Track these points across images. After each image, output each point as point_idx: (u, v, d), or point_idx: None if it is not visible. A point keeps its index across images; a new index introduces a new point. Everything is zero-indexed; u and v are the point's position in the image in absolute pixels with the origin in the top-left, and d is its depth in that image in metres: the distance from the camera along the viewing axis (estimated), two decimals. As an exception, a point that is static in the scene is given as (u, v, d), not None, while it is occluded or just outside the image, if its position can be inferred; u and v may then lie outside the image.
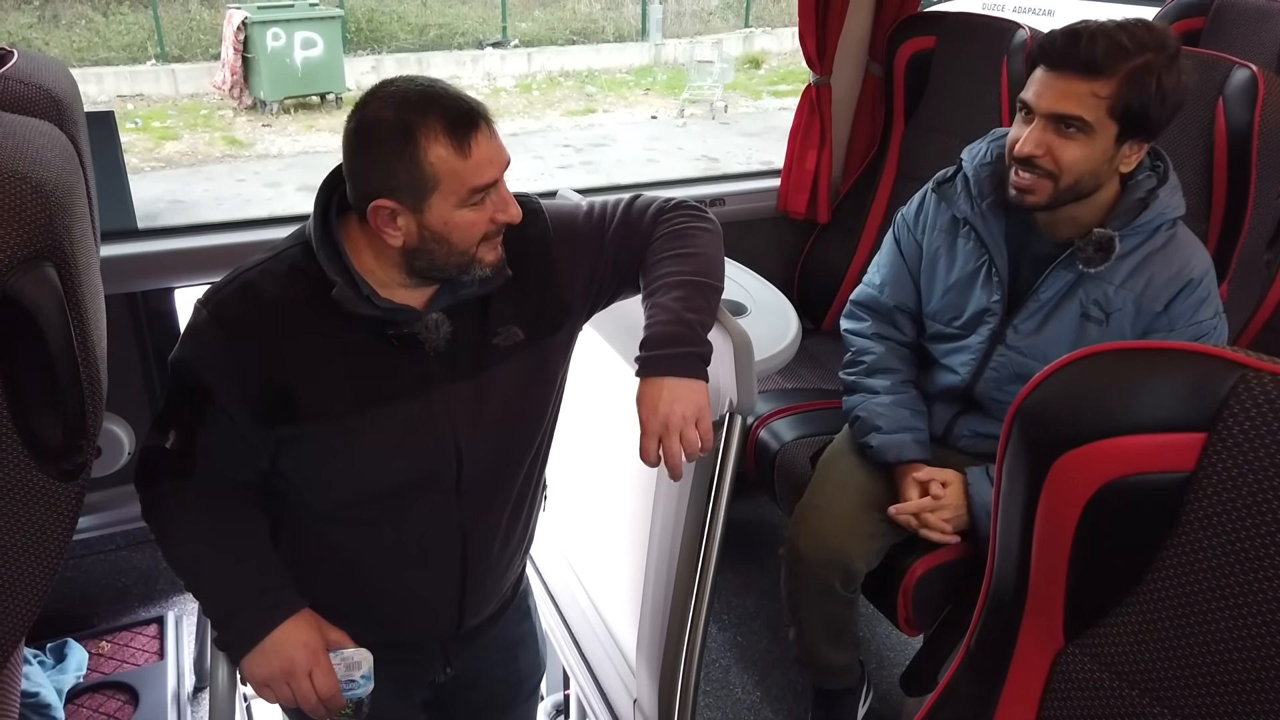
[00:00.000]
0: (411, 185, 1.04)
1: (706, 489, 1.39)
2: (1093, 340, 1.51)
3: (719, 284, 1.27)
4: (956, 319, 1.64)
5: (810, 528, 1.67)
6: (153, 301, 1.91)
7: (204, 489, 1.18)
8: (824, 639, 1.75)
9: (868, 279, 1.80)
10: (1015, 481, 0.71)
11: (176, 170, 7.72)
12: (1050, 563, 0.71)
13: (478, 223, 1.08)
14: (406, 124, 1.02)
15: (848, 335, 1.81)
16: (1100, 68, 1.33)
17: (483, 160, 1.05)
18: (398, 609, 1.33)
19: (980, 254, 1.58)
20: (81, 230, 0.93)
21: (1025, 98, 1.42)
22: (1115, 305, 1.48)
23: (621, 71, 11.76)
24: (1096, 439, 0.65)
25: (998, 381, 1.60)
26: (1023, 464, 0.70)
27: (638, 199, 1.33)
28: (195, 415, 1.14)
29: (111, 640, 1.92)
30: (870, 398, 1.70)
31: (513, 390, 1.23)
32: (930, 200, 1.67)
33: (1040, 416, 0.69)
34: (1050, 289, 1.52)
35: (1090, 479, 0.66)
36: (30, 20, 9.71)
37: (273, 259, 1.14)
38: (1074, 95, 1.36)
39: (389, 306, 1.12)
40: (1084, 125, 1.37)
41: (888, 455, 1.65)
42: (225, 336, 1.10)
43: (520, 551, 1.44)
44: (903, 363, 1.73)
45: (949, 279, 1.63)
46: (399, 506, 1.23)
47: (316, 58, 8.97)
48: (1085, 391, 0.67)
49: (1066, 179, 1.41)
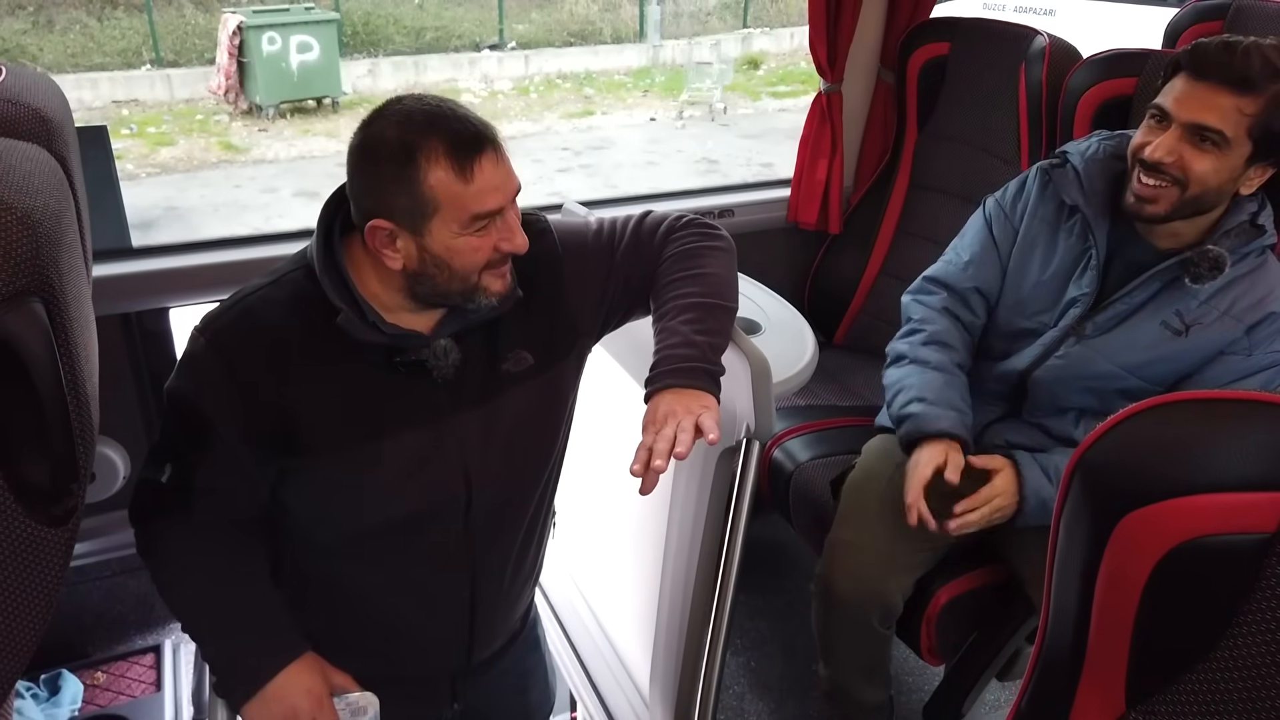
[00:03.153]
0: (410, 208, 1.00)
1: (723, 514, 1.35)
2: (1167, 351, 1.46)
3: (732, 304, 1.23)
4: (1041, 312, 1.56)
5: (845, 565, 1.60)
6: (148, 322, 1.86)
7: (202, 525, 1.13)
8: (858, 675, 1.70)
9: (948, 258, 1.69)
10: (1075, 538, 0.66)
11: (172, 176, 7.66)
12: (1113, 626, 0.66)
13: (481, 249, 1.04)
14: (408, 144, 0.98)
15: (913, 305, 1.68)
16: (1252, 83, 1.29)
17: (486, 186, 1.01)
18: (404, 645, 1.29)
19: (1083, 244, 1.52)
20: (70, 259, 0.89)
21: (1163, 104, 1.37)
22: (1198, 318, 1.44)
23: (619, 73, 11.72)
24: (1168, 497, 0.60)
25: (1059, 373, 1.53)
26: (1085, 520, 0.65)
27: (648, 216, 1.29)
28: (193, 448, 1.10)
29: (107, 670, 1.87)
30: (921, 370, 1.58)
31: (523, 417, 1.19)
32: (1033, 186, 1.59)
33: (1106, 470, 0.63)
34: (1141, 293, 1.47)
35: (1160, 540, 0.61)
36: (24, 26, 9.66)
37: (273, 284, 1.10)
38: (1218, 108, 1.31)
39: (395, 332, 1.09)
40: (1221, 140, 1.32)
41: (926, 425, 1.51)
42: (224, 366, 1.06)
43: (530, 582, 1.41)
44: (963, 345, 1.63)
45: (1044, 272, 1.56)
46: (405, 540, 1.19)
47: (312, 62, 8.91)
48: (1156, 444, 0.62)
49: (1193, 189, 1.37)
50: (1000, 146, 2.13)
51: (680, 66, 11.18)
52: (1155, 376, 1.48)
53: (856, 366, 2.28)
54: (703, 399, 1.10)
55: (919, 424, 1.53)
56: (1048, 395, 1.56)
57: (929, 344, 1.61)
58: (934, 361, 1.59)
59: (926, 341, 1.62)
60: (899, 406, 1.57)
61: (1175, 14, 2.48)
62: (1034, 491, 1.48)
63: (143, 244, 1.94)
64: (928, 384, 1.56)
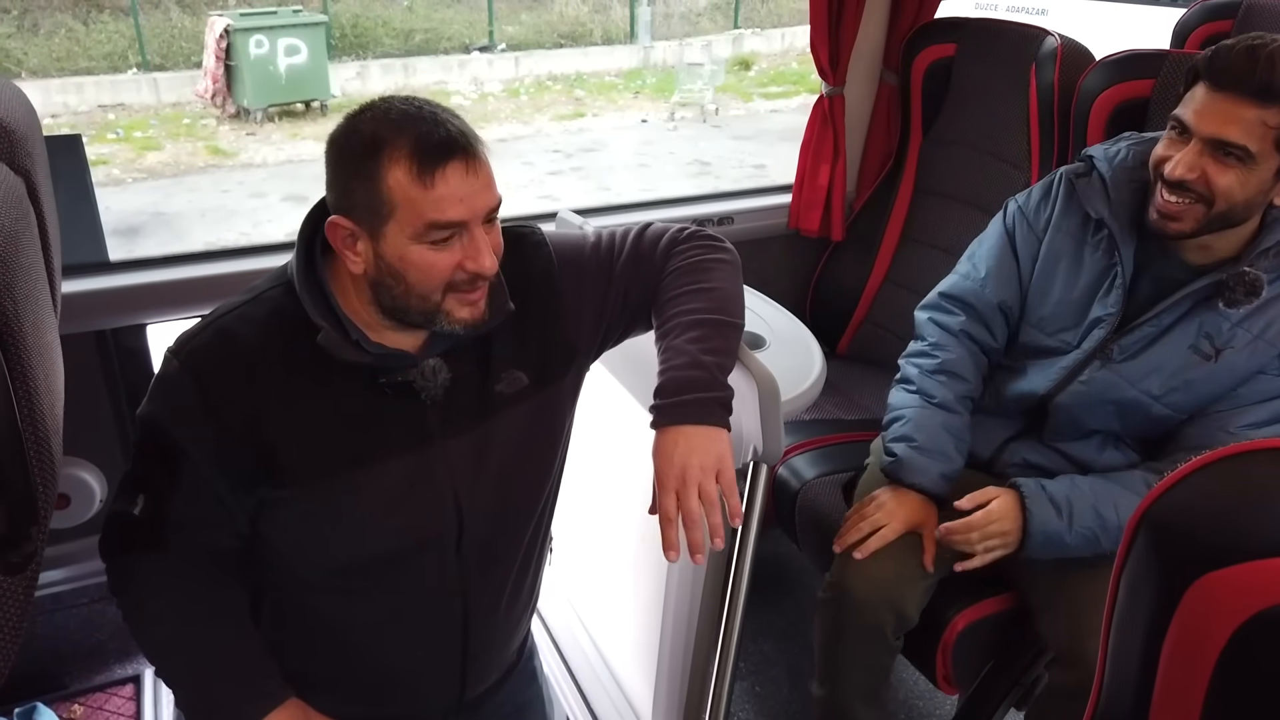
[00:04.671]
0: (369, 206, 0.95)
1: (730, 540, 1.29)
2: (1195, 375, 1.39)
3: (739, 321, 1.17)
4: (1064, 330, 1.49)
5: (861, 569, 1.51)
6: (124, 339, 1.79)
7: (177, 561, 1.07)
8: (858, 695, 1.62)
9: (964, 271, 1.62)
10: (1140, 599, 0.59)
11: (159, 181, 7.58)
12: (1182, 695, 0.59)
13: (438, 266, 0.97)
14: (377, 140, 0.93)
15: (928, 324, 1.62)
16: (1276, 94, 1.21)
17: (449, 195, 0.94)
18: (394, 683, 1.23)
19: (1109, 260, 1.44)
20: (28, 284, 0.82)
21: (1182, 116, 1.29)
22: (1228, 342, 1.36)
23: (610, 75, 11.67)
24: (1250, 559, 0.53)
25: (1082, 399, 1.46)
26: (1152, 580, 0.58)
27: (649, 228, 1.24)
28: (167, 478, 1.03)
29: (85, 703, 1.79)
30: (923, 405, 1.55)
31: (518, 441, 1.13)
32: (1059, 195, 1.51)
33: (1178, 527, 0.56)
34: (1170, 315, 1.40)
35: (1240, 605, 0.54)
36: (9, 30, 9.58)
37: (251, 302, 1.04)
38: (1241, 121, 1.23)
39: (380, 352, 1.03)
40: (1246, 155, 1.24)
41: (904, 474, 1.50)
42: (199, 390, 1.00)
43: (526, 613, 1.35)
44: (975, 374, 1.58)
45: (1069, 288, 1.48)
46: (394, 572, 1.13)
47: (301, 64, 8.85)
48: (1235, 498, 0.55)
49: (1220, 205, 1.29)
50: (1009, 151, 2.07)
51: (671, 68, 11.15)
52: (1182, 403, 1.41)
53: (861, 378, 2.22)
54: (717, 443, 1.05)
55: (899, 470, 1.52)
56: (1069, 420, 1.50)
57: (938, 373, 1.57)
58: (938, 397, 1.55)
59: (936, 370, 1.57)
60: (891, 436, 1.56)
61: (1183, 13, 2.44)
62: (1039, 527, 1.41)
63: (128, 251, 1.87)
64: (923, 423, 1.53)
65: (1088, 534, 1.39)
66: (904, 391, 1.60)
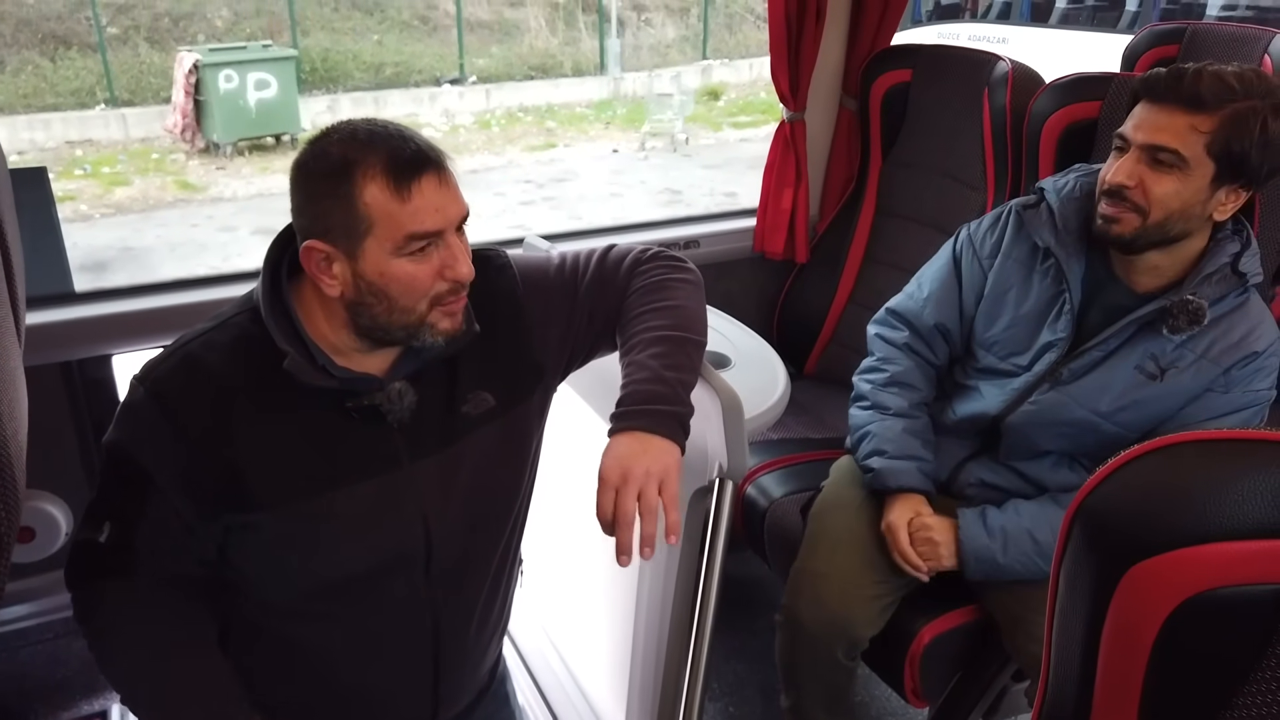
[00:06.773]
0: (345, 226, 0.96)
1: (697, 556, 1.30)
2: (1142, 395, 1.43)
3: (701, 338, 1.19)
4: (1016, 354, 1.54)
5: (810, 594, 1.57)
6: (89, 370, 1.78)
7: (144, 589, 1.06)
8: (821, 708, 1.65)
9: (910, 290, 1.69)
10: (1078, 590, 0.62)
11: (128, 216, 7.53)
12: (1121, 680, 0.61)
13: (419, 277, 0.99)
14: (348, 160, 0.95)
15: (876, 340, 1.71)
16: (1203, 102, 1.29)
17: (425, 206, 0.96)
18: (365, 707, 1.22)
19: (1057, 288, 1.49)
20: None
21: (1123, 131, 1.37)
22: (1173, 362, 1.41)
23: (581, 106, 11.75)
24: (1179, 546, 0.55)
25: (1033, 419, 1.51)
26: (1088, 571, 0.60)
27: (612, 249, 1.25)
28: (133, 505, 1.03)
29: (50, 739, 1.77)
30: (882, 417, 1.61)
31: (485, 462, 1.14)
32: (1009, 225, 1.57)
33: (1110, 518, 0.59)
34: (1116, 339, 1.45)
35: (1171, 591, 0.56)
36: (-26, 68, 9.52)
37: (217, 328, 1.05)
38: (1172, 128, 1.31)
39: (347, 376, 1.04)
40: (1179, 160, 1.31)
41: (888, 481, 1.56)
42: (165, 416, 1.00)
43: (498, 634, 1.35)
44: (926, 383, 1.65)
45: (1018, 312, 1.54)
46: (363, 596, 1.13)
47: (271, 99, 8.85)
48: (1163, 489, 0.57)
49: (1156, 214, 1.34)
50: (966, 173, 2.11)
51: (641, 98, 11.23)
52: (1131, 422, 1.45)
53: (828, 397, 2.24)
54: (666, 454, 1.05)
55: (882, 479, 1.58)
56: (1022, 440, 1.54)
57: (890, 385, 1.64)
58: (894, 407, 1.61)
59: (887, 383, 1.64)
60: (862, 455, 1.62)
61: (1131, 39, 2.51)
62: (971, 552, 1.49)
63: (94, 286, 1.87)
64: (887, 434, 1.59)
65: (1023, 559, 1.46)
66: (861, 410, 1.66)
